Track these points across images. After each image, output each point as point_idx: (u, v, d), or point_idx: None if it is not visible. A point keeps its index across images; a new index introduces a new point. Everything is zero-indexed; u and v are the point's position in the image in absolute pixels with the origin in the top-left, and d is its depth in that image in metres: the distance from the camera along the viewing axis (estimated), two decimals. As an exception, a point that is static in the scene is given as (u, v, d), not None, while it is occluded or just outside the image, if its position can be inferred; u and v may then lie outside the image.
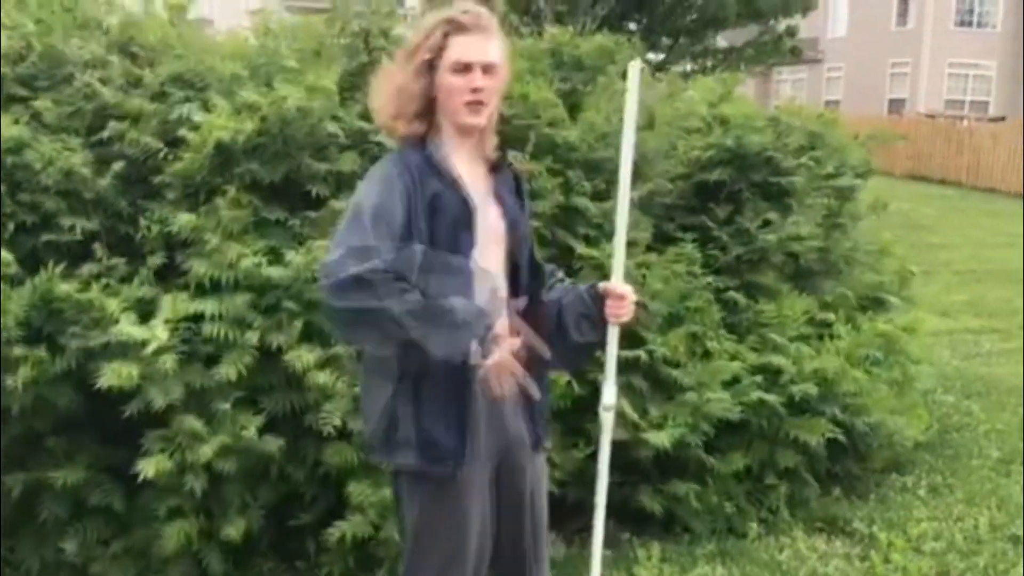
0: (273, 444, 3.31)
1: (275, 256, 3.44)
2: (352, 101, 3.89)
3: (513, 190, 2.47)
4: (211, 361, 3.31)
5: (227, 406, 3.26)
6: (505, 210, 2.40)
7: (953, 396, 6.34)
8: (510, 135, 4.00)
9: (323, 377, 3.28)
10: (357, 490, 3.34)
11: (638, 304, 2.52)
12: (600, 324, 2.48)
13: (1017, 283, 10.93)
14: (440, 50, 2.27)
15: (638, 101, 2.42)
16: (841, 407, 4.33)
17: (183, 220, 3.40)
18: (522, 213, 2.47)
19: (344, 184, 3.61)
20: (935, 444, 5.31)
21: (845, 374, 4.29)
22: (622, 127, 2.44)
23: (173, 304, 3.28)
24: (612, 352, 2.52)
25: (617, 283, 2.47)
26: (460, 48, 2.27)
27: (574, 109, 4.38)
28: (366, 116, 3.82)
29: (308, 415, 3.38)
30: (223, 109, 3.52)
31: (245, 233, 3.48)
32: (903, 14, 33.21)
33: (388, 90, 2.35)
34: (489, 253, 2.33)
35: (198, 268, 3.36)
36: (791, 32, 15.95)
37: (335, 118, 3.65)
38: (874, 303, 5.09)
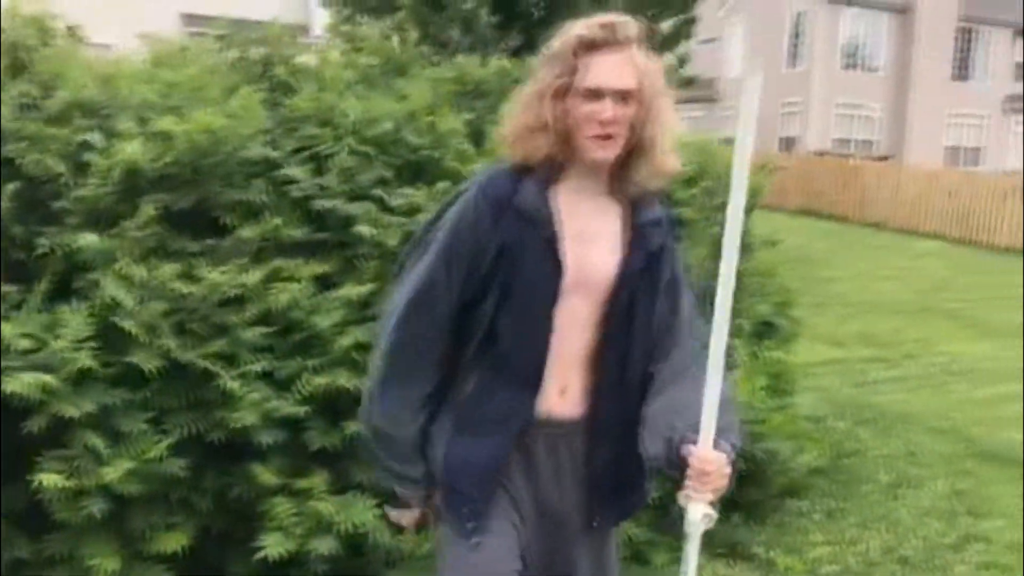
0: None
1: (187, 276, 3.36)
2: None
3: (656, 238, 2.06)
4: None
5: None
6: (626, 259, 2.02)
7: (844, 423, 6.55)
8: (417, 167, 3.98)
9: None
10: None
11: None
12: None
13: (902, 314, 11.40)
14: (572, 72, 1.94)
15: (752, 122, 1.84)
16: (741, 434, 4.43)
17: (88, 240, 3.29)
18: (657, 272, 2.06)
19: (253, 214, 3.56)
20: (829, 469, 5.47)
21: (749, 402, 4.40)
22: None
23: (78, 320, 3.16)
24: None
25: (704, 449, 1.88)
26: (591, 71, 1.93)
27: (478, 138, 4.26)
28: (272, 143, 3.77)
29: (214, 432, 3.29)
30: (133, 135, 3.43)
31: (152, 256, 3.39)
32: (794, 56, 34.42)
33: (516, 113, 2.05)
34: (573, 305, 2.01)
35: (106, 286, 3.24)
36: (682, 60, 15.26)
37: (246, 147, 3.59)
38: (765, 328, 5.24)
